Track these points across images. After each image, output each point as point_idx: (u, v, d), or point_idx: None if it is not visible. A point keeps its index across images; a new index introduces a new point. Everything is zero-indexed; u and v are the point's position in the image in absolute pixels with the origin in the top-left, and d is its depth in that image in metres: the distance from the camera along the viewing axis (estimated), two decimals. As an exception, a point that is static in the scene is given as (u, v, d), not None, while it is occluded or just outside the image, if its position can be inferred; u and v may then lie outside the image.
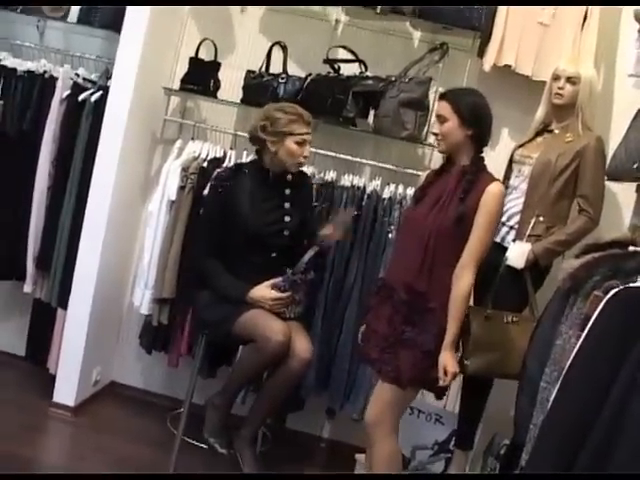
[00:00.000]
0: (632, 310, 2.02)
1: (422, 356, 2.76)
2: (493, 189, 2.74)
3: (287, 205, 3.18)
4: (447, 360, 2.74)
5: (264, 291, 3.04)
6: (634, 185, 3.15)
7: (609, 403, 1.83)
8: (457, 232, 2.75)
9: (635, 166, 2.66)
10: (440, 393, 2.96)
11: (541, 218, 3.19)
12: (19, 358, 4.19)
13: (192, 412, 3.27)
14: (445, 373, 2.74)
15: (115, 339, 4.16)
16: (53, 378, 3.83)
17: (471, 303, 3.15)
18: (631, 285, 2.16)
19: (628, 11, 3.42)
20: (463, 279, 2.73)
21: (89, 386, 3.93)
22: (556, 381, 2.33)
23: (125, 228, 3.95)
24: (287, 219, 3.15)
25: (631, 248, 2.54)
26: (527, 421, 2.47)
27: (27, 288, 3.89)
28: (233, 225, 3.09)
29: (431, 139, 3.53)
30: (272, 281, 3.05)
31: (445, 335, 2.75)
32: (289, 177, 3.19)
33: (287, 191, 3.19)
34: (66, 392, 3.79)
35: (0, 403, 3.72)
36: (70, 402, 3.78)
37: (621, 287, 2.16)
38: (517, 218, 3.24)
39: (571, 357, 2.23)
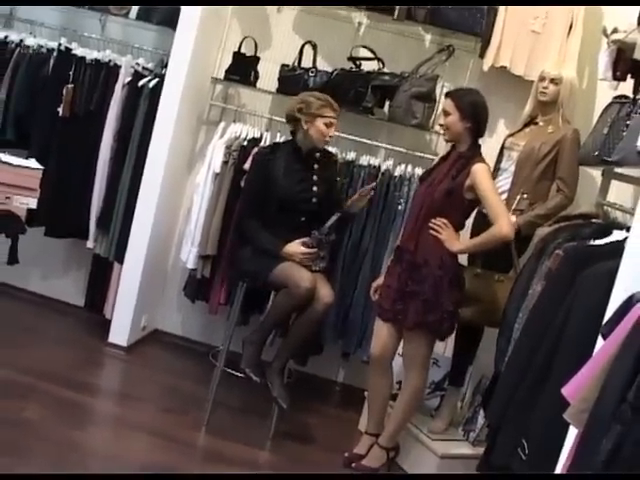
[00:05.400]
0: (580, 261, 2.65)
1: (421, 304, 3.34)
2: (476, 167, 3.29)
3: (315, 177, 3.69)
4: (453, 236, 3.34)
5: (295, 247, 3.57)
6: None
7: (556, 320, 2.48)
8: (446, 204, 3.34)
9: (596, 154, 3.14)
10: (443, 335, 3.48)
11: (525, 195, 3.65)
12: (78, 307, 4.72)
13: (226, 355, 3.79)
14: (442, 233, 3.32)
15: (160, 291, 4.71)
16: (108, 323, 4.38)
17: (464, 263, 3.76)
18: (582, 245, 2.80)
19: (608, 20, 3.79)
20: (500, 224, 3.24)
21: (138, 330, 4.49)
22: (526, 323, 2.95)
23: (173, 195, 4.50)
24: (315, 189, 3.67)
25: (593, 220, 3.15)
26: (504, 356, 3.08)
27: (90, 244, 4.44)
28: (271, 193, 3.62)
29: (437, 127, 4.09)
30: (302, 239, 3.58)
31: (439, 282, 3.32)
32: (317, 154, 3.72)
33: (315, 166, 3.72)
34: (120, 334, 4.35)
35: (65, 342, 4.30)
36: (123, 342, 4.35)
37: (574, 246, 2.80)
38: (505, 195, 3.70)
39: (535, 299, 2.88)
